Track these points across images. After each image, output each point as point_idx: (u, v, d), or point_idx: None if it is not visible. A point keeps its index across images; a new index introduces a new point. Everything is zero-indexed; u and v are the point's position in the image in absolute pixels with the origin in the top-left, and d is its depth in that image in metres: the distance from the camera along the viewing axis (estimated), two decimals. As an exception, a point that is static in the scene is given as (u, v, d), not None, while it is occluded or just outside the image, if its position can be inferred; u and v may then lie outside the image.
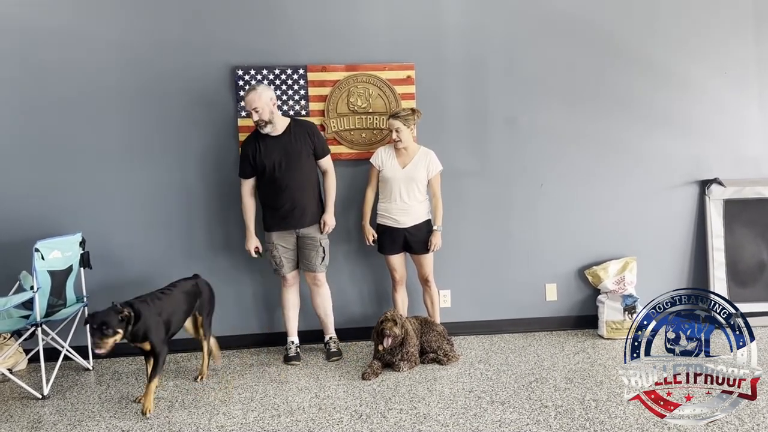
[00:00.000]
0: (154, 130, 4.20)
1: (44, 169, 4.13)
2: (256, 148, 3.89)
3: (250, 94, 3.80)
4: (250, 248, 4.03)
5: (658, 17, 4.48)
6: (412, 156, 4.06)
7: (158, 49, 4.15)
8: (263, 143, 3.90)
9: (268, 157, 3.87)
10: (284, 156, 3.88)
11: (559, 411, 3.15)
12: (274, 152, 3.88)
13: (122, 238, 4.22)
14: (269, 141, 3.90)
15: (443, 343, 3.96)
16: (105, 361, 4.15)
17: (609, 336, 4.33)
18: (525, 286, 4.56)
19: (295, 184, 3.91)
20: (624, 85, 4.50)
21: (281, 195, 3.91)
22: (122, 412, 3.32)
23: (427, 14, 4.33)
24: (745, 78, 4.59)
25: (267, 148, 3.89)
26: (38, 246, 3.52)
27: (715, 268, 4.54)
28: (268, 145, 3.89)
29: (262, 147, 3.89)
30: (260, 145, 3.89)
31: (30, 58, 4.06)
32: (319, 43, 4.26)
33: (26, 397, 3.58)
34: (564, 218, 4.54)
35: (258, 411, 3.28)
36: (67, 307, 3.81)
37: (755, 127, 4.62)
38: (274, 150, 3.88)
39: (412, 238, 4.07)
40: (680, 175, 4.59)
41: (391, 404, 3.30)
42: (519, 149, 4.47)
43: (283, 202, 3.92)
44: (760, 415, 2.99)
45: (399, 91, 4.29)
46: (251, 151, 3.90)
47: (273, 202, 3.95)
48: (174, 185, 4.25)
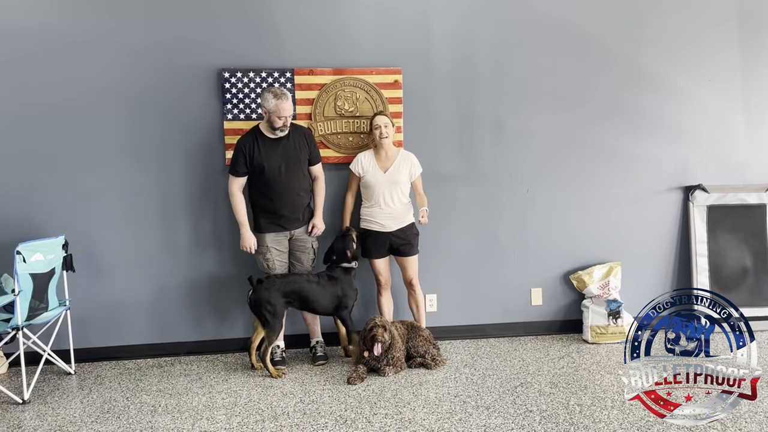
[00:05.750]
0: (139, 132, 4.16)
1: (27, 171, 4.08)
2: (254, 148, 3.88)
3: (286, 102, 3.79)
4: (248, 245, 3.96)
5: (646, 25, 4.52)
6: (392, 159, 4.08)
7: (144, 51, 4.12)
8: (262, 144, 3.89)
9: (268, 159, 3.87)
10: (285, 160, 3.89)
11: (543, 415, 3.15)
12: (274, 155, 3.88)
13: (106, 240, 4.18)
14: (268, 143, 3.90)
15: (430, 347, 3.96)
16: (87, 366, 4.11)
17: (593, 341, 4.35)
18: (511, 290, 4.57)
19: (294, 187, 3.94)
20: (611, 91, 4.53)
21: (281, 197, 3.92)
22: (104, 417, 3.28)
23: (415, 19, 4.34)
24: (731, 86, 4.64)
25: (266, 149, 3.88)
26: (20, 248, 3.47)
27: (699, 273, 4.58)
28: (268, 146, 3.89)
29: (261, 147, 3.88)
30: (259, 145, 3.89)
31: (12, 59, 4.01)
32: (306, 47, 4.25)
33: (6, 402, 3.53)
34: (549, 223, 4.56)
35: (242, 416, 3.25)
36: (49, 310, 3.76)
37: (740, 134, 4.67)
38: (274, 152, 3.88)
39: (399, 241, 4.07)
40: (665, 181, 4.63)
41: (376, 409, 3.29)
42: (506, 154, 4.49)
43: (283, 204, 3.93)
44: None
45: (386, 95, 4.29)
46: (249, 150, 3.89)
47: (271, 204, 3.94)
48: (159, 187, 4.21)
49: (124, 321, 4.24)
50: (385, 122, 4.03)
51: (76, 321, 4.10)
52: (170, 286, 4.27)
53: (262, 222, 3.99)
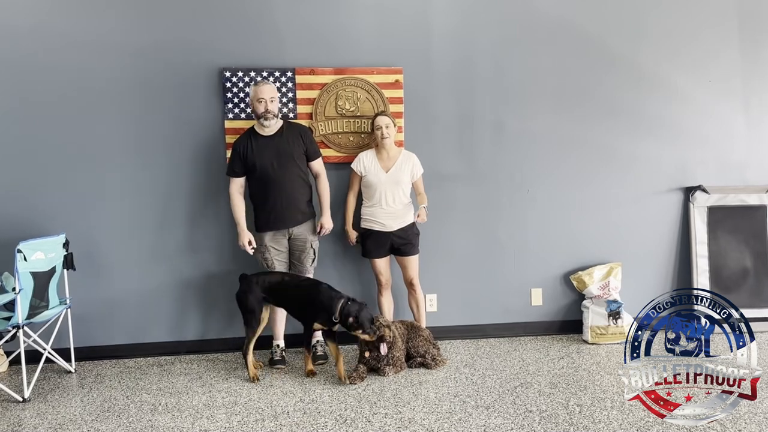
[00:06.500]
0: (140, 131, 4.17)
1: (27, 170, 4.08)
2: (247, 147, 3.89)
3: (265, 85, 3.89)
4: (244, 242, 3.96)
5: (646, 25, 4.52)
6: (394, 159, 4.08)
7: (145, 49, 4.12)
8: (255, 142, 3.90)
9: (261, 157, 3.88)
10: (276, 156, 3.89)
11: (543, 416, 3.16)
12: (266, 152, 3.89)
13: (107, 239, 4.18)
14: (261, 140, 3.90)
15: (430, 347, 3.96)
16: (87, 364, 4.11)
17: (593, 341, 4.35)
18: (511, 290, 4.58)
19: (288, 183, 3.92)
20: (611, 91, 4.53)
21: (274, 194, 3.91)
22: (104, 416, 3.29)
23: (415, 19, 4.34)
24: (731, 87, 4.64)
25: (259, 147, 3.89)
26: (21, 247, 3.48)
27: (699, 274, 4.58)
28: (260, 144, 3.90)
29: (254, 146, 3.89)
30: (252, 144, 3.90)
31: (12, 59, 4.02)
32: (307, 46, 4.25)
33: (7, 400, 3.53)
34: (550, 223, 4.56)
35: (242, 415, 3.25)
36: (50, 309, 3.77)
37: (740, 134, 4.67)
38: (266, 150, 3.89)
39: (399, 240, 4.07)
40: (665, 181, 4.63)
41: (376, 409, 3.29)
42: (506, 154, 4.49)
43: (276, 200, 3.91)
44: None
45: (387, 95, 4.29)
46: (243, 150, 3.90)
47: (266, 201, 3.94)
48: (160, 186, 4.22)
49: (124, 319, 4.25)
50: (386, 123, 4.03)
51: (77, 319, 4.11)
52: (171, 285, 4.28)
53: (260, 221, 4.00)
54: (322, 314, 3.69)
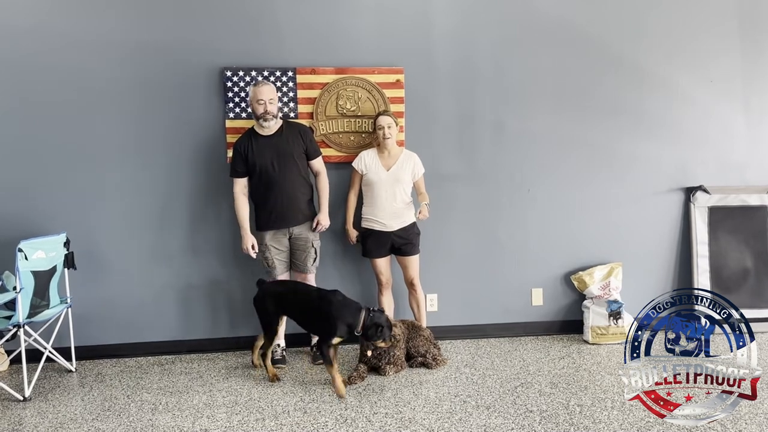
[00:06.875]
0: (141, 130, 4.17)
1: (28, 169, 4.08)
2: (248, 147, 3.90)
3: (264, 86, 3.89)
4: (247, 246, 3.97)
5: (646, 25, 4.52)
6: (395, 158, 4.08)
7: (146, 49, 4.12)
8: (256, 142, 3.91)
9: (261, 156, 3.88)
10: (276, 155, 3.89)
11: (543, 416, 3.16)
12: (266, 151, 3.89)
13: (108, 238, 4.18)
14: (261, 140, 3.91)
15: (430, 347, 3.96)
16: (88, 363, 4.12)
17: (594, 341, 4.35)
18: (511, 290, 4.58)
19: (288, 182, 3.92)
20: (611, 91, 4.53)
21: (275, 193, 3.91)
22: (105, 415, 3.29)
23: (417, 19, 4.34)
24: (732, 87, 4.64)
25: (259, 147, 3.90)
26: (22, 246, 3.48)
27: (700, 274, 4.58)
28: (261, 144, 3.90)
29: (254, 146, 3.90)
30: (253, 144, 3.91)
31: (12, 59, 4.02)
32: (308, 46, 4.25)
33: (7, 399, 3.53)
34: (550, 223, 4.56)
35: (242, 414, 3.26)
36: (51, 308, 3.77)
37: (740, 135, 4.67)
38: (266, 149, 3.90)
39: (400, 240, 4.07)
40: (665, 181, 4.63)
41: (376, 408, 3.29)
42: (507, 154, 4.49)
43: (276, 200, 3.92)
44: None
45: (388, 95, 4.29)
46: (244, 150, 3.91)
47: (266, 200, 3.94)
48: (161, 185, 4.22)
49: (124, 319, 4.25)
50: (388, 122, 4.03)
51: (77, 318, 4.11)
52: (171, 285, 4.28)
53: (261, 220, 4.00)
54: (342, 328, 3.56)
